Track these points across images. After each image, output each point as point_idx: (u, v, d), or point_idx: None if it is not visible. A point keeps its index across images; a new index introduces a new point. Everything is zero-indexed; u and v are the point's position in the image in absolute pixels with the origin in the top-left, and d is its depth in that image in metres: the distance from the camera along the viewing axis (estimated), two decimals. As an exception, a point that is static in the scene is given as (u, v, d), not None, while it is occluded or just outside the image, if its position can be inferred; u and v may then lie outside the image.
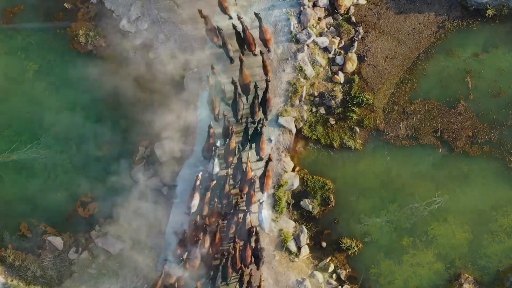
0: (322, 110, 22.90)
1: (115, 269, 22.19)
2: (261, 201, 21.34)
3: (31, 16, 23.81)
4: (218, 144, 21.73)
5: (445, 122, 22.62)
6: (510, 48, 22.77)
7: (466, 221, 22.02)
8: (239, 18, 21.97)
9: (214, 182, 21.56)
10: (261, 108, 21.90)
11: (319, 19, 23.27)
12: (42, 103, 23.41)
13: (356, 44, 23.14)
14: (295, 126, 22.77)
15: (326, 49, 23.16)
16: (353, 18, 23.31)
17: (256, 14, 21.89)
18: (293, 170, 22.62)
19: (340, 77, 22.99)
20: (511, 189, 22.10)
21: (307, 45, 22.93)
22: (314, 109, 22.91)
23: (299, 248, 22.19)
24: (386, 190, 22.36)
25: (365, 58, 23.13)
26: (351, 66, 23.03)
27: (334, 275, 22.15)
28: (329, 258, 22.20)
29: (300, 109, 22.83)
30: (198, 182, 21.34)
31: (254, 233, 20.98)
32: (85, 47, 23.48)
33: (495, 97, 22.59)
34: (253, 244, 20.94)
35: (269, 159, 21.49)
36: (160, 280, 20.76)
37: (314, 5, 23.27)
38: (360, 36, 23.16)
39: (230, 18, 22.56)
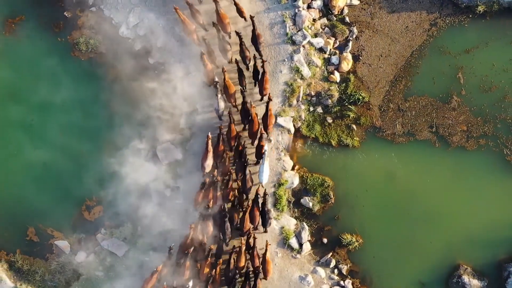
0: (319, 109, 23.14)
1: (122, 270, 22.44)
2: (263, 150, 21.42)
3: (32, 26, 23.89)
4: (216, 79, 21.78)
5: (440, 117, 22.80)
6: (500, 43, 22.95)
7: (464, 213, 22.22)
8: None
9: (224, 128, 21.54)
10: (254, 47, 21.91)
11: (314, 20, 23.49)
12: (43, 110, 23.59)
13: (350, 43, 23.36)
14: (294, 125, 23.00)
15: (321, 50, 23.39)
16: (347, 19, 23.51)
17: None
18: (293, 168, 22.83)
19: (336, 76, 23.23)
20: (508, 182, 22.33)
21: (303, 46, 23.18)
22: (311, 109, 23.14)
23: (300, 245, 22.42)
24: (385, 185, 22.55)
25: (360, 57, 23.36)
26: (346, 66, 23.24)
27: (336, 270, 22.38)
28: (331, 253, 22.44)
29: (298, 109, 23.08)
30: (209, 142, 21.32)
31: (263, 195, 21.07)
32: (86, 55, 23.66)
33: (487, 91, 22.78)
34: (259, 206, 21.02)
35: (269, 99, 21.50)
36: (189, 239, 20.78)
37: (309, 6, 23.48)
38: (354, 36, 23.39)
39: None
